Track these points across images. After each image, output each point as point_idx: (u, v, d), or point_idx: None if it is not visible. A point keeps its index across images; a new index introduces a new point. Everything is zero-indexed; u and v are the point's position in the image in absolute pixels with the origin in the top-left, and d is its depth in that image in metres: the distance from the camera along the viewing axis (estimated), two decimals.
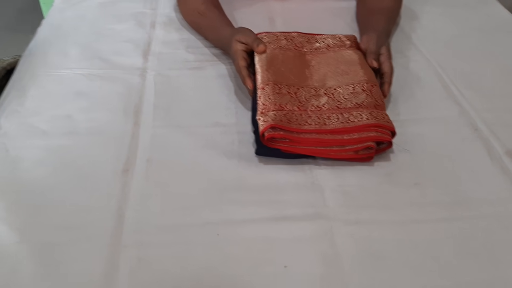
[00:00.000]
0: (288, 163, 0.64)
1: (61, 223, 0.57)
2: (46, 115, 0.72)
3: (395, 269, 0.52)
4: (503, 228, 0.56)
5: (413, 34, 0.93)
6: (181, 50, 0.87)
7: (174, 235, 0.55)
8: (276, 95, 0.68)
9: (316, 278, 0.51)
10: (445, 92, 0.77)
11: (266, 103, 0.67)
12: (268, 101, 0.67)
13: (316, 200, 0.59)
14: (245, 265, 0.52)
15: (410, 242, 0.55)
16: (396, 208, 0.58)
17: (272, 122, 0.63)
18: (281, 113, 0.65)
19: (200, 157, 0.65)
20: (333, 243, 0.54)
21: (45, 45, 0.90)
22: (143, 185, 0.61)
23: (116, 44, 0.89)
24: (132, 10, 1.00)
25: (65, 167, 0.64)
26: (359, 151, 0.63)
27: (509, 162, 0.64)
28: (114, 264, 0.52)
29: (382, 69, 0.74)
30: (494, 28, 0.95)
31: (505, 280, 0.51)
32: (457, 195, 0.60)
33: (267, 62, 0.73)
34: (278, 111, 0.65)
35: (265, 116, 0.64)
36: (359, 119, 0.64)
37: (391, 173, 0.63)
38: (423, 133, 0.69)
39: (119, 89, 0.78)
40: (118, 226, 0.56)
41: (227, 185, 0.61)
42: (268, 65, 0.72)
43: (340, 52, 0.77)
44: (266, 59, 0.73)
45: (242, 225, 0.56)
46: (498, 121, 0.71)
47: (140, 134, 0.69)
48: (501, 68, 0.83)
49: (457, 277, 0.51)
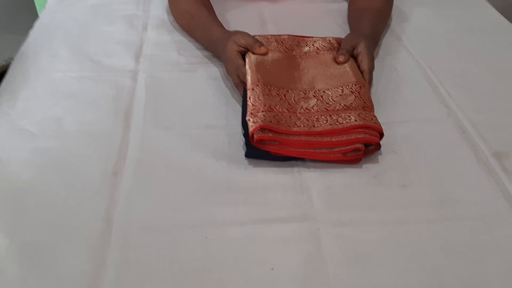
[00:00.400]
0: (277, 166, 0.65)
1: (49, 224, 0.57)
2: (36, 117, 0.73)
3: (380, 270, 0.52)
4: (488, 229, 0.57)
5: (403, 35, 0.93)
6: (173, 52, 0.88)
7: (162, 237, 0.56)
8: (266, 96, 0.68)
9: (302, 280, 0.51)
10: (434, 93, 0.78)
11: (256, 104, 0.67)
12: (258, 102, 0.67)
13: (304, 202, 0.60)
14: (232, 266, 0.53)
15: (396, 243, 0.55)
16: (382, 209, 0.59)
17: (261, 123, 0.63)
18: (271, 114, 0.65)
19: (190, 159, 0.66)
20: (319, 245, 0.55)
21: (37, 47, 0.90)
22: (132, 187, 0.62)
23: (108, 46, 0.89)
24: (124, 12, 1.00)
25: (54, 169, 0.64)
26: (347, 153, 0.63)
27: (495, 164, 0.65)
28: (101, 265, 0.53)
29: (360, 67, 0.74)
30: (484, 29, 0.96)
31: (489, 280, 0.52)
32: (443, 196, 0.60)
33: (257, 64, 0.73)
34: (268, 112, 0.66)
35: (254, 117, 0.65)
36: (348, 120, 0.65)
37: (378, 175, 0.63)
38: (411, 135, 0.69)
39: (110, 91, 0.78)
40: (107, 228, 0.56)
41: (216, 187, 0.62)
42: (258, 66, 0.73)
43: (330, 55, 0.78)
44: (256, 61, 0.74)
45: (229, 226, 0.57)
46: (486, 122, 0.72)
47: (130, 136, 0.69)
48: (490, 69, 0.84)
49: (442, 278, 0.52)
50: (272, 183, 0.63)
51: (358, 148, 0.63)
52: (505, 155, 0.66)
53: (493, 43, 0.91)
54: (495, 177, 0.63)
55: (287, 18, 0.99)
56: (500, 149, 0.67)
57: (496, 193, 0.61)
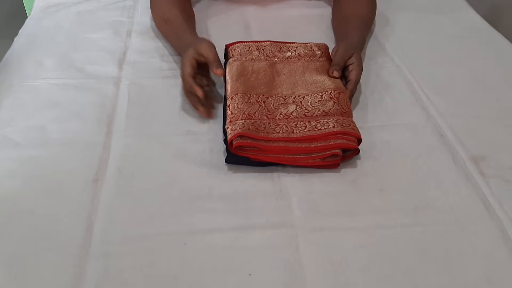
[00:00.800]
0: (257, 171, 0.65)
1: (29, 233, 0.57)
2: (19, 126, 0.73)
3: (356, 276, 0.53)
4: (463, 233, 0.57)
5: (385, 41, 0.94)
6: (156, 59, 0.88)
7: (141, 245, 0.56)
8: (245, 104, 0.69)
9: (280, 286, 0.52)
10: (414, 99, 0.79)
11: (235, 112, 0.68)
12: (237, 110, 0.68)
13: (283, 208, 0.61)
14: (210, 273, 0.53)
15: (373, 248, 0.56)
16: (360, 214, 0.60)
17: (240, 131, 0.64)
18: (249, 122, 0.66)
19: (171, 166, 0.66)
20: (297, 251, 0.55)
21: (21, 55, 0.90)
22: (113, 195, 0.62)
23: (92, 53, 0.90)
24: (109, 19, 1.01)
25: (36, 177, 0.64)
26: (325, 158, 0.64)
27: (472, 168, 0.66)
28: (81, 275, 0.53)
29: (348, 76, 0.75)
30: (465, 34, 0.97)
31: (464, 284, 0.53)
32: (420, 200, 0.61)
33: (237, 73, 0.74)
34: (247, 119, 0.66)
35: (233, 125, 0.66)
36: (326, 126, 0.65)
37: (356, 180, 0.64)
38: (390, 140, 0.70)
39: (93, 98, 0.79)
40: (87, 237, 0.57)
41: (196, 194, 0.62)
42: (238, 75, 0.74)
43: (311, 61, 0.78)
44: (237, 71, 0.75)
45: (209, 234, 0.57)
46: (464, 126, 0.72)
47: (111, 143, 0.70)
48: (470, 74, 0.85)
49: (418, 282, 0.53)
50: (252, 189, 0.63)
51: (336, 154, 0.63)
52: (482, 159, 0.67)
53: (474, 48, 0.92)
54: (472, 180, 0.64)
55: (271, 22, 1.00)
56: (478, 153, 0.68)
57: (472, 197, 0.62)
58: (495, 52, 0.91)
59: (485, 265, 0.54)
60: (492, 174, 0.64)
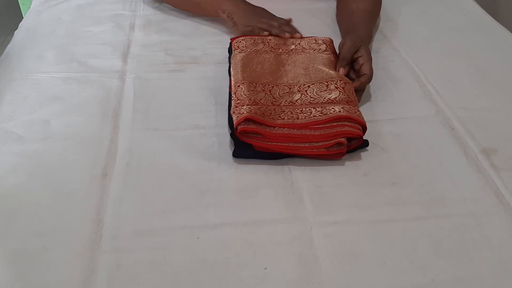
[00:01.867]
0: (267, 164, 0.65)
1: (37, 229, 0.56)
2: (22, 119, 0.72)
3: (372, 269, 0.52)
4: (478, 225, 0.57)
5: (391, 35, 0.94)
6: (161, 53, 0.87)
7: (153, 240, 0.55)
8: (251, 91, 0.68)
9: (295, 280, 0.51)
10: (422, 92, 0.78)
11: (241, 99, 0.67)
12: (243, 96, 0.67)
13: (295, 202, 0.60)
14: (224, 268, 0.52)
15: (387, 241, 0.55)
16: (373, 207, 0.59)
17: (246, 114, 0.63)
18: (256, 107, 0.65)
19: (180, 160, 0.65)
20: (311, 245, 0.55)
21: (21, 49, 0.88)
22: (122, 190, 0.61)
23: (94, 47, 0.88)
24: (110, 12, 0.99)
25: (42, 172, 0.63)
26: (330, 148, 0.63)
27: (484, 161, 0.65)
28: (92, 270, 0.52)
29: (361, 71, 0.74)
30: (470, 27, 0.97)
31: (480, 277, 0.52)
32: (433, 194, 0.61)
33: (242, 65, 0.74)
34: (253, 105, 0.66)
35: (240, 109, 0.65)
36: (332, 111, 0.65)
37: (368, 173, 0.63)
38: (400, 133, 0.70)
39: (97, 92, 0.77)
40: (97, 232, 0.56)
41: (207, 188, 0.61)
42: (243, 67, 0.73)
43: (316, 53, 0.78)
44: (242, 62, 0.74)
45: (221, 228, 0.57)
46: (474, 119, 0.72)
47: (119, 138, 0.69)
48: (476, 66, 0.85)
49: (433, 275, 0.52)
50: (263, 183, 0.62)
51: (341, 142, 0.63)
52: (493, 152, 0.66)
53: (479, 41, 0.92)
54: (484, 173, 0.63)
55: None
56: (488, 145, 0.67)
57: (485, 189, 0.61)
58: (499, 44, 0.91)
59: (500, 257, 0.54)
60: (504, 167, 0.64)
